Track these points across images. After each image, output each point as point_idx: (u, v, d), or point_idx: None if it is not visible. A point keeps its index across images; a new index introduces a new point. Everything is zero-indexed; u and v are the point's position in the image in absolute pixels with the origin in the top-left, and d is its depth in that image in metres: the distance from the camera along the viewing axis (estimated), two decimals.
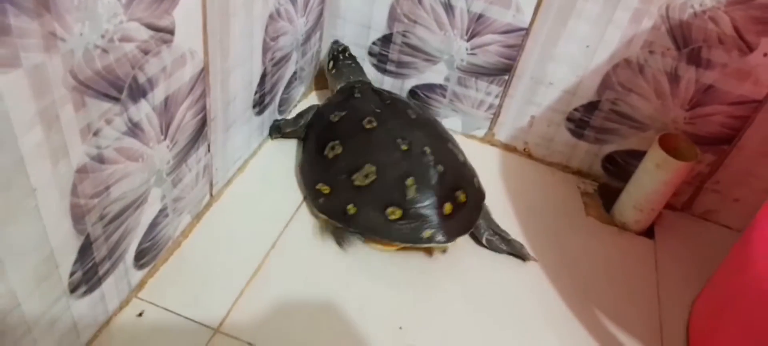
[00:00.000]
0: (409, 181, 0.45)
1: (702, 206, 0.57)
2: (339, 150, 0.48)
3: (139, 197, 0.36)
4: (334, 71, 0.58)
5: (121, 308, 0.38)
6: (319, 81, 0.61)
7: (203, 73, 0.38)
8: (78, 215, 0.31)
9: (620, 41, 0.50)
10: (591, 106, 0.55)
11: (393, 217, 0.44)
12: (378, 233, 0.45)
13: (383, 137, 0.48)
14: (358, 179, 0.46)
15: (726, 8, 0.46)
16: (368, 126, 0.48)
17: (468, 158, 0.52)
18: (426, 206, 0.45)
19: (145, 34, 0.31)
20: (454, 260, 0.49)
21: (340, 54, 0.58)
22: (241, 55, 0.42)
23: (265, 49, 0.46)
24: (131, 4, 0.29)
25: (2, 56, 0.23)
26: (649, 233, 0.56)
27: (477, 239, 0.49)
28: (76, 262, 0.32)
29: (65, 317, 0.33)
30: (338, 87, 0.56)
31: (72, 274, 0.32)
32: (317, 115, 0.53)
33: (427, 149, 0.48)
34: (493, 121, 0.59)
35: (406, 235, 0.45)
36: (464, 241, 0.49)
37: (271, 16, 0.45)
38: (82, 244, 0.32)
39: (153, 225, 0.39)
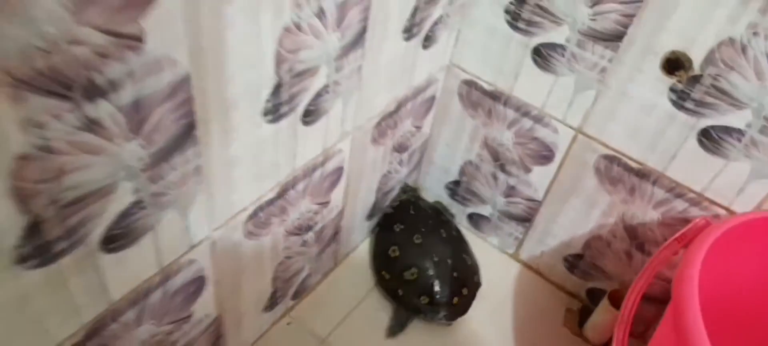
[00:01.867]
0: (436, 282, 0.78)
1: None
2: (397, 253, 0.81)
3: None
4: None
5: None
6: None
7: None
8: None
9: None
10: None
11: (424, 302, 0.78)
12: (413, 310, 0.78)
13: (424, 251, 0.79)
14: (407, 275, 0.78)
15: None
16: (416, 241, 0.81)
17: (475, 260, 0.84)
18: (444, 298, 0.78)
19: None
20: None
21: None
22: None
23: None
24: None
25: None
26: None
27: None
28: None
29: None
30: (401, 198, 0.88)
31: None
32: (387, 220, 0.85)
33: (449, 261, 0.80)
34: None
35: (429, 315, 0.77)
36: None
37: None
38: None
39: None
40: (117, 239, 0.42)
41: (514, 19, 0.70)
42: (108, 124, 0.36)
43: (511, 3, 0.69)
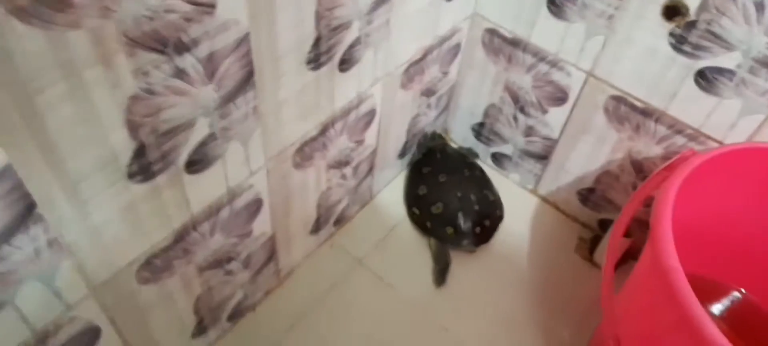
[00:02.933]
0: (460, 214, 0.88)
1: None
2: (424, 191, 0.91)
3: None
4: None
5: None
6: None
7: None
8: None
9: None
10: None
11: (449, 232, 0.87)
12: (441, 239, 0.88)
13: (448, 188, 0.89)
14: (434, 209, 0.88)
15: None
16: (442, 179, 0.91)
17: (498, 196, 0.94)
18: (467, 228, 0.89)
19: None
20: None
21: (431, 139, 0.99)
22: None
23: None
24: None
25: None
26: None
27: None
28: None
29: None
30: (428, 145, 0.98)
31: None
32: (416, 165, 0.96)
33: (472, 196, 0.90)
34: None
35: (454, 243, 0.87)
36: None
37: None
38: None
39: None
40: (196, 163, 0.54)
41: None
42: (191, 73, 0.46)
43: None
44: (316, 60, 0.60)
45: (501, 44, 0.86)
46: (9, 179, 0.38)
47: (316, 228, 0.84)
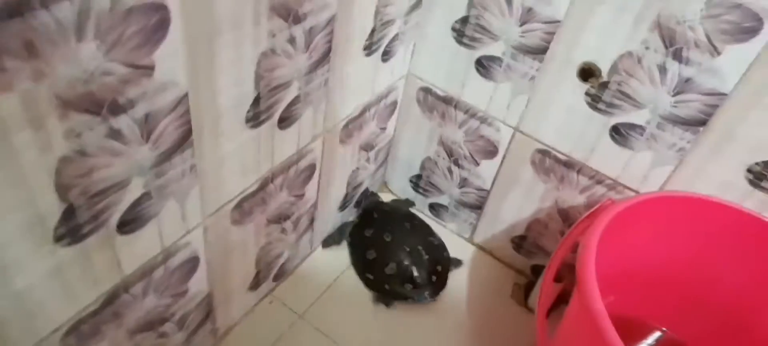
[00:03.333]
0: (414, 269, 0.89)
1: None
2: (374, 255, 0.91)
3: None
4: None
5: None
6: None
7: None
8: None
9: None
10: None
11: (408, 289, 0.88)
12: (403, 297, 0.88)
13: (396, 245, 0.91)
14: (387, 270, 0.88)
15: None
16: (387, 239, 0.92)
17: (441, 240, 0.97)
18: (423, 280, 0.89)
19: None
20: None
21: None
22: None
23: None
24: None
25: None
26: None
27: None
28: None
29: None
30: (364, 207, 0.99)
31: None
32: (357, 229, 0.96)
33: (419, 247, 0.93)
34: None
35: (416, 298, 0.88)
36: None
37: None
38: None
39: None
40: (129, 223, 0.52)
41: (459, 35, 0.82)
42: (126, 133, 0.46)
43: (456, 22, 0.81)
44: (255, 119, 0.61)
45: (434, 102, 0.90)
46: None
47: (256, 284, 0.83)
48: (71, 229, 0.47)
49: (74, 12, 0.37)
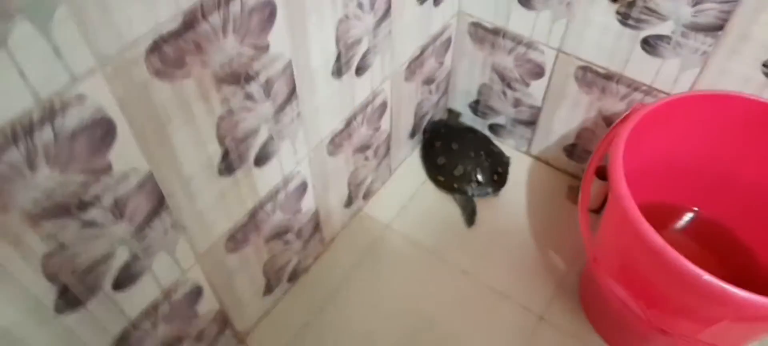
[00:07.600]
0: (478, 169, 1.06)
1: None
2: (443, 160, 1.09)
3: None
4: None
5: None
6: None
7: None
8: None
9: None
10: None
11: (473, 186, 1.05)
12: (468, 193, 1.06)
13: (461, 152, 1.08)
14: (456, 172, 1.06)
15: None
16: (454, 147, 1.08)
17: (499, 147, 1.13)
18: (486, 179, 1.06)
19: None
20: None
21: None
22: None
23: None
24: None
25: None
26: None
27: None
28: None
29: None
30: (433, 126, 1.15)
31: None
32: (427, 142, 1.13)
33: (482, 152, 1.09)
34: None
35: (480, 193, 1.06)
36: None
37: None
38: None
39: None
40: (262, 159, 0.72)
41: None
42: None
43: None
44: (338, 72, 0.78)
45: (484, 34, 1.03)
46: (150, 183, 0.56)
47: (349, 202, 1.03)
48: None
49: (221, 17, 0.55)
